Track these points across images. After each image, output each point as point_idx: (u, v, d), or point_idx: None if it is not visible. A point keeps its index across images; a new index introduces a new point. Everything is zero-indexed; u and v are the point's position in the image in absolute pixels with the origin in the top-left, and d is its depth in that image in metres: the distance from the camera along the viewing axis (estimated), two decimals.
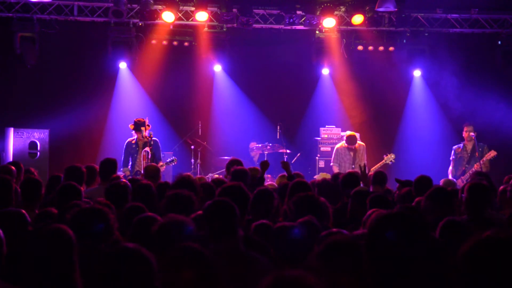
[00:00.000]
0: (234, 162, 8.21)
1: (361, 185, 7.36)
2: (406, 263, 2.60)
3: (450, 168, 11.92)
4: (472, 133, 11.67)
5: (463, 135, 11.88)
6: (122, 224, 4.58)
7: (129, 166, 11.39)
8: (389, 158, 11.83)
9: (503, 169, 11.46)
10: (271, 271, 2.44)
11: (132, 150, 11.45)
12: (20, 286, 3.64)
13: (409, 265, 2.60)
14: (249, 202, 5.13)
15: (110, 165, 7.97)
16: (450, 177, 11.43)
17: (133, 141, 11.48)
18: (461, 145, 11.88)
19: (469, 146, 11.77)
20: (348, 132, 12.51)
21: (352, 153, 12.22)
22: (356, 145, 12.24)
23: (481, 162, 11.30)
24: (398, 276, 2.60)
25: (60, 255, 3.26)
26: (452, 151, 11.97)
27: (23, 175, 7.93)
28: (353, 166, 11.85)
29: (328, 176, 10.13)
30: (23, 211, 4.82)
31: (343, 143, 12.37)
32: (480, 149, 11.57)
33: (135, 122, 11.47)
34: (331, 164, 12.45)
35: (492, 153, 11.41)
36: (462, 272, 2.21)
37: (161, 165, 11.15)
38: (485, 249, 2.19)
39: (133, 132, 11.48)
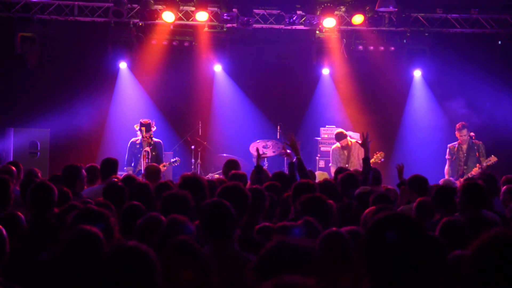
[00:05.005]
0: (230, 164, 8.06)
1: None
2: (405, 264, 2.60)
3: (446, 167, 11.85)
4: (469, 135, 11.61)
5: (458, 138, 11.82)
6: (121, 224, 4.58)
7: (132, 165, 11.42)
8: (378, 157, 11.65)
9: (504, 169, 11.44)
10: None
11: (136, 150, 11.47)
12: (20, 286, 3.65)
13: (408, 266, 2.60)
14: (248, 202, 5.11)
15: (110, 164, 7.93)
16: (446, 177, 11.38)
17: (138, 141, 11.51)
18: (456, 144, 11.80)
19: (465, 146, 11.70)
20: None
21: (346, 152, 12.24)
22: (349, 143, 12.25)
23: (482, 166, 11.17)
24: (396, 277, 2.60)
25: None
26: (447, 150, 11.90)
27: (24, 175, 7.95)
28: (347, 165, 11.83)
29: (325, 174, 10.13)
30: (19, 213, 4.80)
31: (337, 144, 12.39)
32: (476, 147, 11.50)
33: (145, 124, 11.37)
34: (330, 165, 12.51)
35: (493, 159, 11.20)
36: (469, 272, 2.21)
37: (164, 165, 11.17)
38: (493, 248, 2.19)
39: (138, 132, 11.46)
